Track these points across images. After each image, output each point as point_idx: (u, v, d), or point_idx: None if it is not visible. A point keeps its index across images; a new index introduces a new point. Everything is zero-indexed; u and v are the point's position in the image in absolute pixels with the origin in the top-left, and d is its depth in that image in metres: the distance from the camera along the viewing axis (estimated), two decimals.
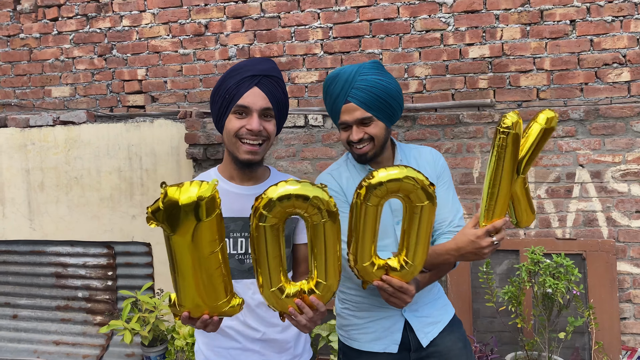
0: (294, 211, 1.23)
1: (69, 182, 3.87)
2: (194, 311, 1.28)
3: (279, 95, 1.54)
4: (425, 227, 1.39)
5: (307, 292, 1.33)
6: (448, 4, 3.46)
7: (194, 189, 1.13)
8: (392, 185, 1.31)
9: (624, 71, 3.28)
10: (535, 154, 1.54)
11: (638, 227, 3.22)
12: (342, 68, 1.70)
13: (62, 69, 4.06)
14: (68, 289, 3.97)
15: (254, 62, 1.55)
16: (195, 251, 1.17)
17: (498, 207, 1.52)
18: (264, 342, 1.59)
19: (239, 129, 1.50)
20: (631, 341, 3.25)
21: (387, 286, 1.46)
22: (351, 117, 1.65)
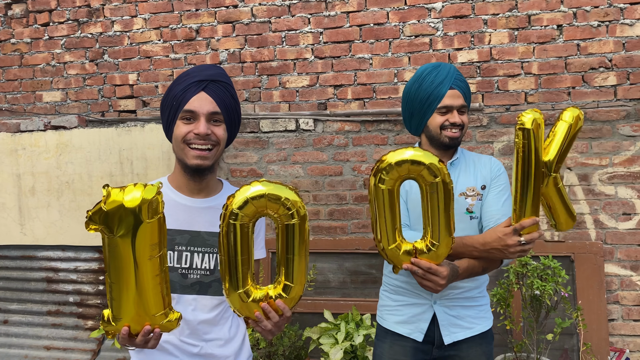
0: (266, 212, 1.26)
1: (60, 187, 3.87)
2: (133, 324, 1.23)
3: (227, 100, 1.52)
4: (444, 205, 1.44)
5: (274, 297, 1.34)
6: (437, 9, 3.50)
7: (137, 191, 1.14)
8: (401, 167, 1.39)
9: (610, 75, 3.33)
10: (565, 153, 1.54)
11: (625, 229, 3.25)
12: (438, 62, 1.88)
13: (53, 74, 4.07)
14: (59, 294, 3.96)
15: (201, 68, 1.54)
16: (136, 254, 1.16)
17: (527, 206, 1.51)
18: (201, 357, 1.56)
19: (186, 134, 1.47)
20: (619, 342, 3.28)
21: (416, 268, 1.50)
22: (456, 102, 1.79)
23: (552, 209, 1.62)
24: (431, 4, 3.50)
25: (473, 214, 1.83)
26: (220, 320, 1.59)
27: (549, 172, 1.53)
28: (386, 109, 3.53)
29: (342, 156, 3.54)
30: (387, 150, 3.41)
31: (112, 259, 1.17)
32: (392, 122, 3.45)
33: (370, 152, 3.50)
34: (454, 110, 1.80)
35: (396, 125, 3.45)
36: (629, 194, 3.24)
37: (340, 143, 3.55)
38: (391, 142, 3.46)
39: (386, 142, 3.47)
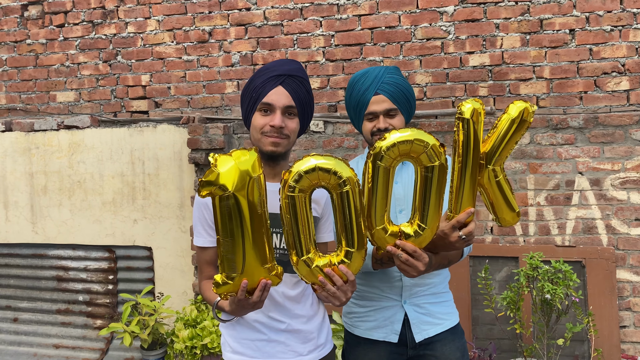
0: (320, 183, 1.36)
1: (72, 186, 3.90)
2: (250, 279, 1.35)
3: (302, 94, 1.62)
4: (437, 190, 1.44)
5: (337, 264, 1.42)
6: (449, 13, 3.50)
7: (243, 153, 1.31)
8: (403, 146, 1.39)
9: (623, 80, 3.31)
10: (507, 146, 1.51)
11: (637, 235, 3.22)
12: (369, 68, 1.86)
13: (67, 74, 4.11)
14: (69, 293, 3.98)
15: (280, 63, 1.65)
16: (249, 208, 1.29)
17: (463, 198, 1.50)
18: (288, 333, 1.64)
19: (263, 125, 1.59)
20: (631, 350, 3.24)
21: (399, 252, 1.49)
22: (380, 107, 1.79)
23: (493, 204, 1.58)
24: (443, 8, 3.50)
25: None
26: (302, 298, 1.68)
27: (486, 164, 1.51)
28: None
29: (352, 158, 3.54)
30: None
31: (226, 217, 1.29)
32: None
33: None
34: (380, 116, 1.80)
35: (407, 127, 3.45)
36: None
37: (350, 145, 3.56)
38: None
39: None
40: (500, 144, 1.50)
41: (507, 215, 1.59)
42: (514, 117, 1.49)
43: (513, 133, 1.50)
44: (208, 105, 3.88)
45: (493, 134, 1.52)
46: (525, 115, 1.49)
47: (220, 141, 3.52)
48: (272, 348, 1.63)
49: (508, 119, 1.50)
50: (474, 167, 1.48)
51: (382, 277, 1.85)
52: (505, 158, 1.54)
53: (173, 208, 3.73)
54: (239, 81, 3.82)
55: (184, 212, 3.71)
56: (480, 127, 1.47)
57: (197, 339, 3.19)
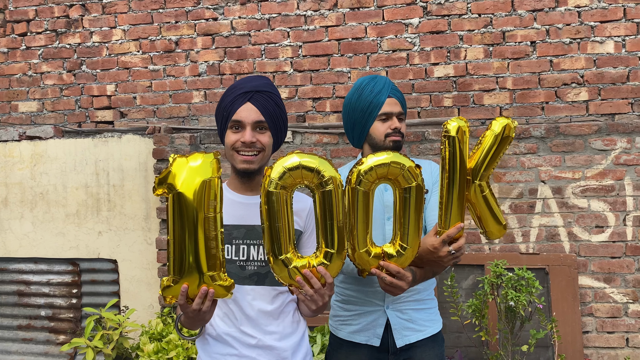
0: (303, 182, 1.38)
1: (34, 198, 3.81)
2: (190, 284, 1.33)
3: (271, 108, 1.63)
4: (415, 210, 1.47)
5: (316, 265, 1.42)
6: (414, 25, 3.56)
7: (199, 156, 1.34)
8: (380, 170, 1.42)
9: (582, 91, 3.40)
10: (492, 162, 1.56)
11: (598, 241, 3.30)
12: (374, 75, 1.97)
13: (29, 84, 4.03)
14: (30, 308, 3.87)
15: (247, 80, 1.67)
16: (197, 209, 1.30)
17: (452, 213, 1.54)
18: (259, 348, 1.61)
19: (234, 142, 1.61)
20: (594, 354, 3.30)
21: (384, 274, 1.51)
22: (395, 109, 1.89)
23: (480, 218, 1.63)
24: (408, 20, 3.56)
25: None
26: (281, 315, 1.66)
27: (473, 180, 1.56)
28: None
29: None
30: None
31: (176, 216, 1.30)
32: None
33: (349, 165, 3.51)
34: (394, 117, 1.89)
35: None
36: (601, 207, 3.29)
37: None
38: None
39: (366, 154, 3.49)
40: (485, 160, 1.55)
41: (494, 229, 1.64)
42: (497, 133, 1.54)
43: (497, 148, 1.55)
44: (174, 115, 3.84)
45: (478, 150, 1.56)
46: (507, 131, 1.54)
47: (186, 151, 3.48)
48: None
49: (492, 135, 1.55)
50: (462, 182, 1.52)
51: (366, 282, 1.89)
52: (490, 173, 1.59)
53: (139, 220, 3.67)
54: (205, 91, 3.80)
55: (150, 223, 3.65)
56: (466, 144, 1.52)
57: (163, 353, 3.13)
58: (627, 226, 3.28)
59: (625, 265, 3.27)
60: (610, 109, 3.38)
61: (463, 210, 1.56)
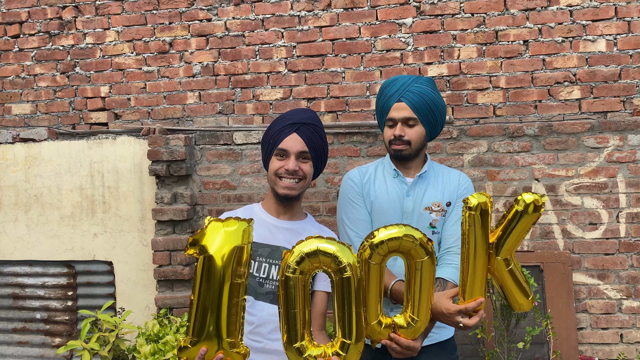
0: (321, 267, 1.36)
1: (29, 201, 3.79)
2: (209, 348, 1.33)
3: (315, 140, 1.75)
4: (426, 282, 1.46)
5: (331, 355, 1.37)
6: (407, 25, 3.57)
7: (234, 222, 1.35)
8: (392, 243, 1.41)
9: (575, 89, 3.43)
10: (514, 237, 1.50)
11: (592, 238, 3.33)
12: (400, 75, 1.91)
13: (23, 86, 4.01)
14: (26, 311, 3.85)
15: (295, 112, 1.81)
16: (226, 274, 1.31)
17: (474, 286, 1.52)
18: (265, 353, 1.68)
19: (278, 168, 1.73)
20: (588, 351, 3.33)
21: (395, 345, 1.52)
22: (399, 114, 1.83)
23: (504, 290, 1.58)
24: (402, 20, 3.57)
25: (435, 229, 1.85)
26: None
27: (496, 254, 1.51)
28: (359, 121, 3.57)
29: None
30: (360, 162, 3.45)
31: (203, 278, 1.31)
32: (365, 134, 3.49)
33: (343, 164, 3.53)
34: (398, 123, 1.84)
35: (369, 138, 3.49)
36: (594, 204, 3.32)
37: None
38: (364, 154, 3.49)
39: (359, 154, 3.50)
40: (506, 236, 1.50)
41: (521, 301, 1.59)
42: (521, 210, 1.47)
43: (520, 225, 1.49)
44: (169, 116, 3.84)
45: (501, 224, 1.51)
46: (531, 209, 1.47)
47: (181, 152, 3.49)
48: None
49: (513, 210, 1.49)
50: (483, 257, 1.49)
51: None
52: (515, 248, 1.53)
53: (134, 221, 3.67)
54: (200, 92, 3.80)
55: (145, 225, 3.65)
56: (488, 220, 1.48)
57: (160, 354, 3.12)
58: (620, 223, 3.31)
59: (618, 262, 3.30)
60: (602, 107, 3.41)
61: (484, 284, 1.53)
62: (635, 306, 3.30)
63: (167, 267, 3.54)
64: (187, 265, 3.53)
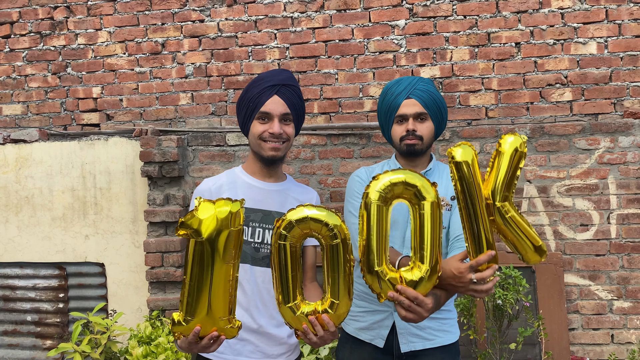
0: (311, 233, 1.40)
1: (19, 202, 3.76)
2: (202, 325, 1.38)
3: (296, 101, 1.76)
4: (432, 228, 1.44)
5: (321, 312, 1.45)
6: (400, 27, 3.58)
7: (226, 204, 1.35)
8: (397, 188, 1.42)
9: (566, 91, 3.45)
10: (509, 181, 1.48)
11: (583, 240, 3.35)
12: (403, 77, 1.94)
13: (13, 87, 3.99)
14: (16, 313, 3.82)
15: (273, 73, 1.78)
16: (217, 258, 1.33)
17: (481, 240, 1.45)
18: (259, 334, 1.72)
19: (262, 132, 1.72)
20: (580, 351, 3.35)
21: (402, 298, 1.44)
22: (411, 110, 1.86)
23: (513, 244, 1.51)
24: (395, 22, 3.58)
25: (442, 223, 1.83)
26: None
27: (494, 202, 1.47)
28: (352, 122, 3.58)
29: (309, 169, 3.56)
30: (353, 164, 3.45)
31: (195, 261, 1.33)
32: (358, 135, 3.49)
33: (336, 165, 3.53)
34: (410, 119, 1.86)
35: (362, 139, 3.49)
36: (585, 205, 3.34)
37: (306, 156, 3.57)
38: (357, 156, 3.50)
39: (352, 155, 3.51)
40: (501, 180, 1.47)
41: (530, 253, 1.51)
42: (506, 151, 1.47)
43: (511, 166, 1.47)
44: (161, 117, 3.83)
45: (491, 171, 1.49)
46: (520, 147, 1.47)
47: (173, 154, 3.47)
48: (242, 347, 1.72)
49: (501, 154, 1.48)
50: (481, 207, 1.44)
51: None
52: (511, 193, 1.49)
53: (126, 223, 3.65)
54: (193, 93, 3.79)
55: (137, 226, 3.63)
56: (476, 168, 1.45)
57: (152, 356, 3.11)
58: (611, 224, 3.33)
59: (609, 263, 3.33)
60: (593, 109, 3.43)
61: (492, 238, 1.47)
62: (625, 307, 3.32)
63: (159, 268, 3.53)
64: (180, 267, 3.51)
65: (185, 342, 1.44)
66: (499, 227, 1.49)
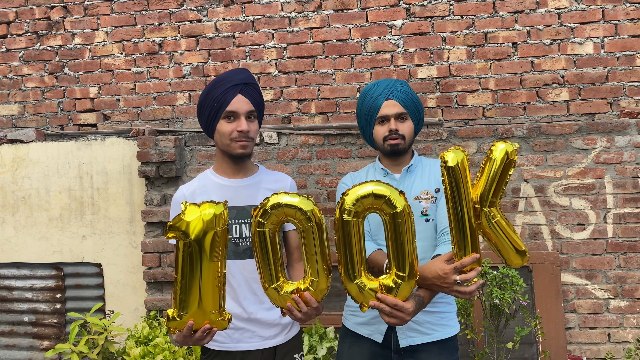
0: (287, 218, 1.49)
1: (16, 202, 3.75)
2: (196, 319, 1.48)
3: (258, 99, 1.85)
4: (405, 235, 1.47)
5: (303, 290, 1.55)
6: (397, 27, 3.59)
7: (210, 207, 1.44)
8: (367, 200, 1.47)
9: (563, 91, 3.46)
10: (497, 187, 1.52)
11: (580, 239, 3.36)
12: (380, 80, 2.02)
13: (10, 87, 3.98)
14: (13, 313, 3.82)
15: (233, 73, 1.84)
16: (205, 256, 1.42)
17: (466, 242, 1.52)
18: (251, 321, 1.83)
19: (230, 131, 1.78)
20: (577, 350, 3.36)
21: (383, 306, 1.52)
22: (392, 110, 1.92)
23: (497, 247, 1.57)
24: (392, 22, 3.58)
25: (428, 216, 1.88)
26: None
27: (482, 207, 1.52)
28: (349, 122, 3.58)
29: (306, 169, 3.56)
30: (351, 163, 3.45)
31: (185, 260, 1.42)
32: (355, 135, 3.49)
33: (334, 165, 3.53)
34: (391, 119, 1.92)
35: (359, 139, 3.49)
36: (582, 205, 3.35)
37: (304, 156, 3.57)
38: (354, 155, 3.50)
39: (349, 155, 3.51)
40: (488, 186, 1.51)
41: (512, 257, 1.57)
42: (497, 159, 1.51)
43: (500, 174, 1.51)
44: (159, 117, 3.82)
45: (481, 177, 1.53)
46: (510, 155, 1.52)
47: (171, 154, 3.47)
48: (240, 335, 1.83)
49: (492, 161, 1.52)
50: (469, 212, 1.50)
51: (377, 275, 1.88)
52: (499, 199, 1.54)
53: (123, 223, 3.65)
54: (190, 93, 3.79)
55: (135, 227, 3.63)
56: (467, 173, 1.50)
57: (149, 357, 3.11)
58: (607, 224, 3.34)
59: (606, 262, 3.34)
60: (590, 108, 3.44)
61: (476, 241, 1.53)
62: (622, 306, 3.33)
63: (156, 269, 3.52)
64: None
65: (180, 336, 1.52)
66: (484, 230, 1.55)
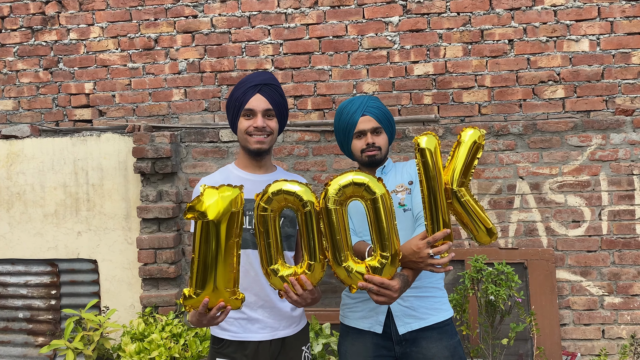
0: (287, 204, 1.60)
1: (11, 198, 3.74)
2: (211, 297, 1.55)
3: (277, 98, 1.94)
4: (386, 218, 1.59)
5: (300, 274, 1.63)
6: (394, 23, 3.58)
7: (228, 189, 1.53)
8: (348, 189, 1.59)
9: (559, 88, 3.47)
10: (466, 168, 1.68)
11: (575, 236, 3.37)
12: (354, 97, 2.17)
13: (4, 82, 3.95)
14: (8, 310, 3.80)
15: (255, 75, 1.97)
16: (223, 236, 1.51)
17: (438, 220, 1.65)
18: (264, 309, 1.90)
19: (247, 127, 1.90)
20: (571, 346, 3.37)
21: (371, 285, 1.63)
22: (368, 126, 2.05)
23: (466, 225, 1.73)
24: (388, 18, 3.58)
25: (405, 206, 2.02)
26: None
27: (452, 187, 1.67)
28: None
29: (303, 166, 3.56)
30: (347, 160, 3.45)
31: (203, 240, 1.50)
32: None
33: (330, 162, 3.53)
34: (368, 133, 2.04)
35: None
36: (577, 202, 3.36)
37: (300, 153, 3.57)
38: None
39: None
40: (460, 168, 1.67)
41: (482, 234, 1.72)
42: (466, 142, 1.69)
43: (469, 156, 1.68)
44: (154, 113, 3.81)
45: (451, 160, 1.70)
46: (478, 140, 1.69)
47: (166, 150, 3.46)
48: (252, 325, 1.90)
49: (461, 144, 1.69)
50: (441, 191, 1.63)
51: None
52: (468, 180, 1.69)
53: (119, 219, 3.64)
54: (186, 89, 3.78)
55: (130, 223, 3.62)
56: (438, 155, 1.64)
57: (145, 353, 3.10)
58: (602, 221, 3.36)
59: (600, 259, 3.35)
60: (585, 106, 3.45)
61: (448, 218, 1.66)
62: (616, 302, 3.35)
63: (152, 265, 3.52)
64: (173, 263, 3.51)
65: (195, 315, 1.62)
66: (455, 209, 1.71)
